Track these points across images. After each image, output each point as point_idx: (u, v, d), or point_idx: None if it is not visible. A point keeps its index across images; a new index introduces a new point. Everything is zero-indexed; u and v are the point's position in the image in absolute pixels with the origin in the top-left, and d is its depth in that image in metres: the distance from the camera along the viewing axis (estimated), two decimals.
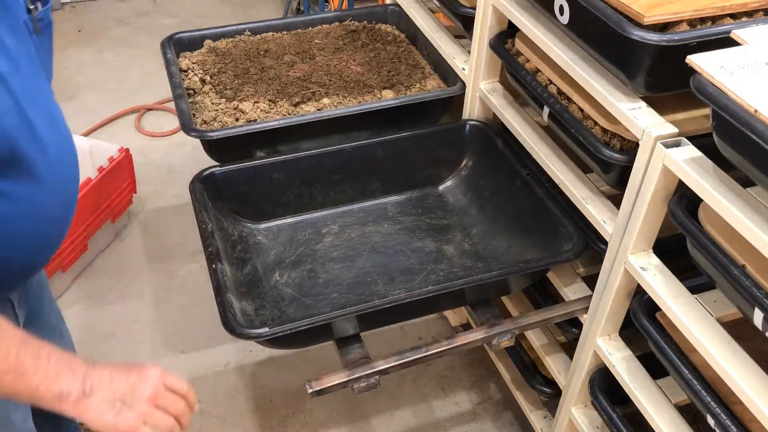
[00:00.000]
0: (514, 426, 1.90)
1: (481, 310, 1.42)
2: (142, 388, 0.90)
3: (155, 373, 0.92)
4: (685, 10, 1.08)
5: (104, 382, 0.88)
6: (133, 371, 0.91)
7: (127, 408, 0.88)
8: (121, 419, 0.87)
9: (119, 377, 0.89)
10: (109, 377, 0.88)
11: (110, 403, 0.87)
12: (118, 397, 0.88)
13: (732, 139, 0.93)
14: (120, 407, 0.87)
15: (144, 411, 0.89)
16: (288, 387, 1.99)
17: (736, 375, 0.99)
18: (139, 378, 0.90)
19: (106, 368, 0.89)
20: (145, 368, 0.92)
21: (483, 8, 1.52)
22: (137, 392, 0.89)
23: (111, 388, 0.88)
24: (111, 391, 0.88)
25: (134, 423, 0.88)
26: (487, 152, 1.67)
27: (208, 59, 1.83)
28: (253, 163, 1.57)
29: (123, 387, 0.89)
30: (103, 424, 0.87)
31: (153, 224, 2.50)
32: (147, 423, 0.89)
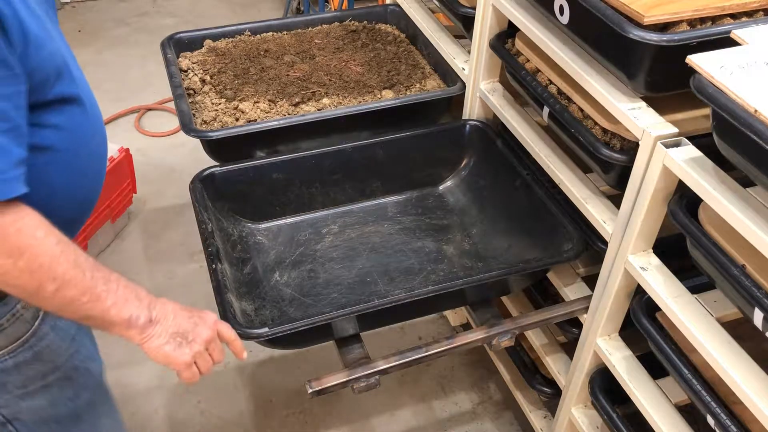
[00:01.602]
0: (514, 426, 1.90)
1: (481, 310, 1.42)
2: (202, 330, 0.97)
3: (213, 318, 1.01)
4: (685, 10, 1.08)
5: (168, 314, 0.94)
6: (194, 312, 0.99)
7: (186, 344, 0.95)
8: (179, 353, 0.94)
9: (182, 314, 0.96)
10: (173, 312, 0.95)
11: (172, 336, 0.94)
12: (180, 332, 0.95)
13: (732, 139, 0.93)
14: (180, 342, 0.95)
15: (198, 351, 0.97)
16: (288, 387, 1.99)
17: (736, 375, 0.99)
18: (200, 320, 0.98)
19: (169, 303, 0.96)
20: (204, 312, 1.01)
21: (483, 8, 1.52)
22: (197, 332, 0.97)
23: (174, 322, 0.95)
24: (174, 324, 0.94)
25: (188, 359, 0.96)
26: (487, 152, 1.67)
27: (208, 59, 1.83)
28: (253, 163, 1.57)
29: (185, 324, 0.96)
30: (162, 353, 0.93)
31: (153, 224, 2.50)
32: (197, 362, 0.97)
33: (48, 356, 1.00)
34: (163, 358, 0.95)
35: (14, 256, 0.79)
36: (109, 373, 1.86)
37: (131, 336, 0.92)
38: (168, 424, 1.89)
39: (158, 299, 0.95)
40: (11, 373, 0.97)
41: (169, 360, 0.95)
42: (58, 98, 0.90)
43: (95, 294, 0.86)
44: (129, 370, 1.99)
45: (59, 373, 1.03)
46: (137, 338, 0.92)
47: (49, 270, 0.82)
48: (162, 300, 0.96)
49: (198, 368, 1.00)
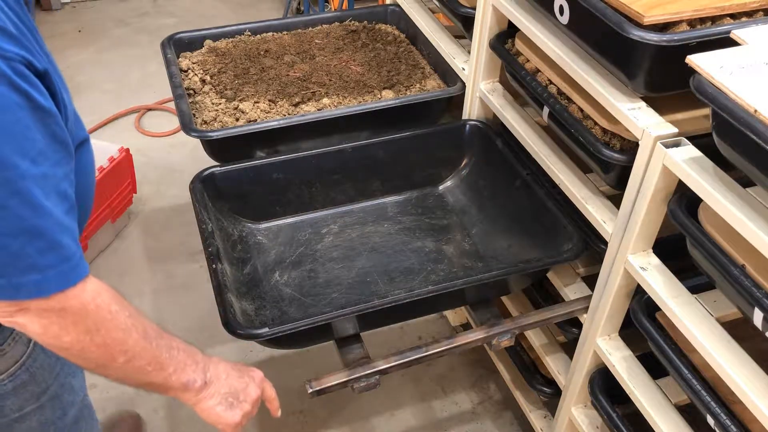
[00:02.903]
0: (514, 426, 1.90)
1: (481, 310, 1.42)
2: (251, 390, 1.00)
3: (260, 377, 1.04)
4: (685, 10, 1.08)
5: (221, 375, 0.97)
6: (244, 372, 1.01)
7: (237, 404, 0.98)
8: (230, 414, 0.96)
9: (233, 375, 0.98)
10: (225, 372, 0.98)
11: (224, 397, 0.96)
12: (232, 392, 0.97)
13: (732, 139, 0.93)
14: (231, 402, 0.97)
15: (248, 411, 0.99)
16: (288, 387, 1.99)
17: (736, 375, 0.99)
18: (251, 380, 1.01)
19: (221, 363, 0.98)
20: (254, 371, 1.03)
21: (483, 8, 1.52)
22: (248, 392, 0.99)
23: (227, 382, 0.97)
24: (227, 385, 0.97)
25: (238, 420, 0.98)
26: (487, 152, 1.67)
27: (208, 59, 1.83)
28: (253, 163, 1.57)
29: (236, 385, 0.98)
30: (214, 414, 0.95)
31: (153, 224, 2.50)
32: (246, 421, 0.99)
33: (41, 376, 1.01)
34: (216, 418, 0.96)
35: (92, 333, 0.82)
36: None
37: (187, 398, 0.94)
38: (168, 424, 1.89)
39: (211, 359, 0.97)
40: (9, 396, 0.98)
41: (221, 421, 0.97)
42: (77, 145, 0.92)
43: (159, 362, 0.89)
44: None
45: (50, 392, 1.04)
46: (192, 400, 0.94)
47: (122, 344, 0.85)
48: (215, 360, 0.98)
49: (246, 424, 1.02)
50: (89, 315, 0.81)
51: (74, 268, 0.79)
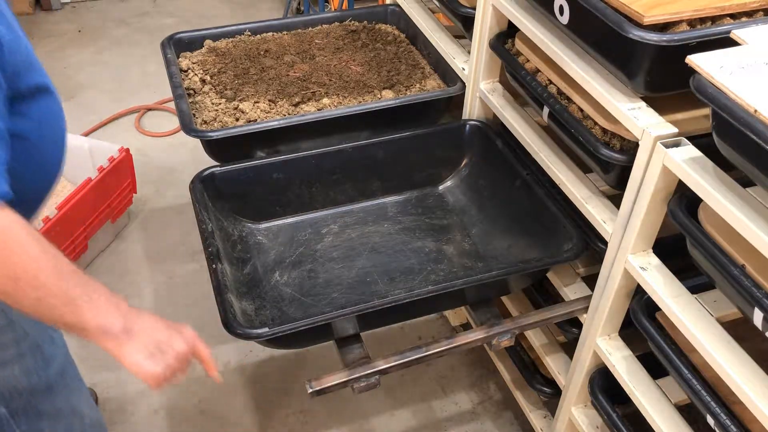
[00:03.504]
0: (514, 426, 1.90)
1: (481, 310, 1.42)
2: (176, 343, 0.97)
3: (191, 334, 1.01)
4: (685, 10, 1.08)
5: (146, 326, 0.95)
6: (173, 326, 0.99)
7: (160, 356, 0.95)
8: (152, 365, 0.94)
9: (160, 328, 0.96)
10: (151, 324, 0.96)
11: (146, 347, 0.94)
12: (156, 344, 0.95)
13: (732, 139, 0.93)
14: (153, 353, 0.94)
15: (171, 364, 0.96)
16: (288, 387, 1.99)
17: (736, 375, 0.99)
18: (177, 333, 0.98)
19: (149, 317, 0.97)
20: (184, 327, 1.01)
21: (483, 8, 1.52)
22: (172, 345, 0.96)
23: (151, 334, 0.95)
24: (151, 337, 0.95)
25: (160, 372, 0.95)
26: (487, 152, 1.67)
27: (208, 59, 1.83)
28: (253, 163, 1.57)
29: (161, 337, 0.96)
30: (135, 364, 0.93)
31: (153, 224, 2.50)
32: (168, 376, 0.96)
33: (19, 324, 1.03)
34: (136, 368, 0.94)
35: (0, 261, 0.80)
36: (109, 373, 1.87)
37: (106, 344, 0.92)
38: (168, 424, 1.89)
39: (138, 311, 0.96)
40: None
41: (141, 370, 0.94)
42: (31, 89, 0.92)
43: (75, 303, 0.87)
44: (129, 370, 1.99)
45: (30, 340, 1.06)
46: (113, 348, 0.93)
47: (33, 278, 0.83)
48: (142, 312, 0.97)
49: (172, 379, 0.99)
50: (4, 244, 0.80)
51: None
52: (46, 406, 1.14)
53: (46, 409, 1.14)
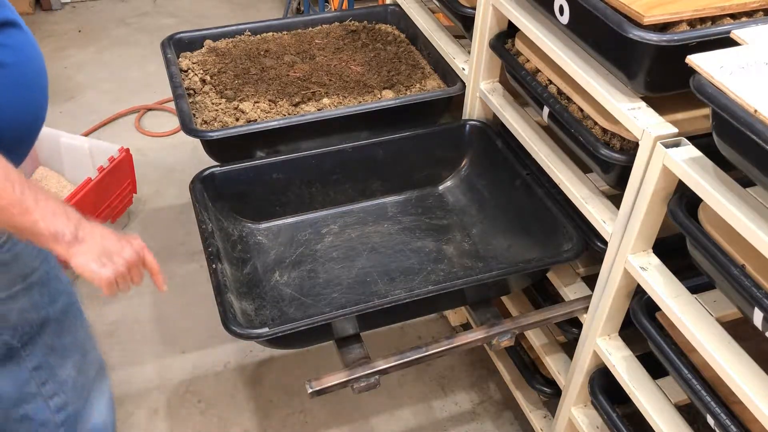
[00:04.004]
0: (514, 426, 1.90)
1: (481, 310, 1.43)
2: (126, 251, 1.04)
3: (140, 244, 1.08)
4: (685, 10, 1.08)
5: (95, 235, 1.01)
6: (123, 237, 1.06)
7: (109, 263, 1.01)
8: (104, 271, 1.00)
9: (109, 237, 1.03)
10: (100, 233, 1.02)
11: (97, 255, 1.00)
12: (106, 252, 1.01)
13: (732, 139, 0.93)
14: (104, 261, 1.01)
15: (120, 270, 1.02)
16: (288, 387, 1.99)
17: (736, 375, 0.99)
18: (126, 243, 1.05)
19: (98, 226, 1.02)
20: (133, 237, 1.08)
21: (483, 8, 1.52)
22: (122, 253, 1.03)
23: (101, 242, 1.01)
24: (100, 245, 1.01)
25: (110, 276, 1.01)
26: (487, 152, 1.67)
27: (208, 59, 1.83)
28: (253, 163, 1.57)
29: (111, 245, 1.02)
30: (87, 270, 0.99)
31: (153, 224, 2.50)
32: (118, 281, 1.03)
33: (24, 258, 1.10)
34: (89, 273, 1.00)
35: None
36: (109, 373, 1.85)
37: (58, 251, 0.97)
38: (168, 425, 1.89)
39: (89, 222, 1.01)
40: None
41: (93, 276, 1.00)
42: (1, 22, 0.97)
43: (24, 207, 0.92)
44: (129, 371, 1.99)
45: (36, 276, 1.13)
46: (63, 253, 0.98)
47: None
48: (91, 221, 1.02)
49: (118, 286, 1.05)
50: None
51: None
52: (53, 341, 1.20)
53: (53, 344, 1.20)
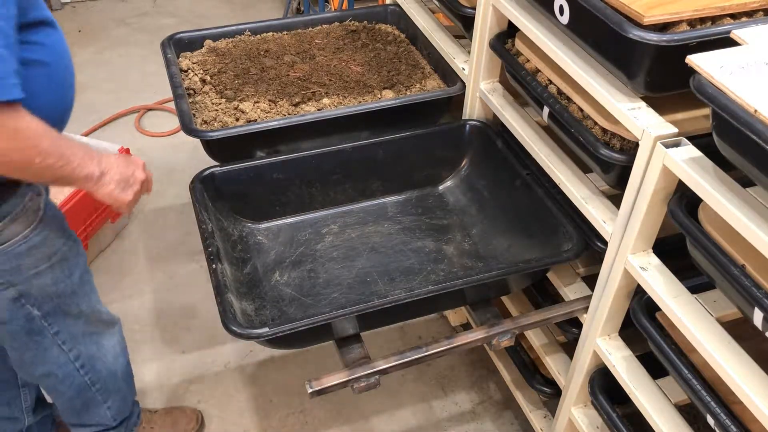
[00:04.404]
0: (514, 426, 1.90)
1: (481, 310, 1.43)
2: (138, 174, 1.25)
3: (141, 163, 1.29)
4: (685, 10, 1.08)
5: (113, 167, 1.20)
6: (129, 161, 1.25)
7: (128, 187, 1.23)
8: (124, 194, 1.22)
9: (122, 164, 1.22)
10: (116, 164, 1.21)
11: (117, 183, 1.20)
12: (123, 178, 1.22)
13: (732, 139, 0.93)
14: (123, 186, 1.22)
15: (137, 190, 1.25)
16: (288, 387, 1.99)
17: (736, 375, 0.99)
18: (135, 166, 1.26)
19: (110, 156, 1.21)
20: (135, 158, 1.28)
21: (483, 8, 1.52)
22: (135, 176, 1.24)
23: (118, 171, 1.20)
24: (118, 173, 1.20)
25: (131, 199, 1.24)
26: (487, 152, 1.67)
27: (208, 59, 1.83)
28: (253, 163, 1.57)
29: (126, 171, 1.23)
30: (113, 197, 1.21)
31: (153, 224, 2.50)
32: (136, 199, 1.26)
33: (51, 240, 1.26)
34: (113, 199, 1.21)
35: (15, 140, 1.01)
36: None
37: (89, 187, 1.17)
38: None
39: (102, 154, 1.18)
40: (24, 256, 1.22)
41: (118, 200, 1.22)
42: (37, 20, 1.09)
43: (66, 159, 1.09)
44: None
45: (59, 255, 1.28)
46: (93, 188, 1.18)
47: (38, 148, 1.04)
48: (105, 155, 1.19)
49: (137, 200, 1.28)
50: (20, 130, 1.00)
51: (8, 87, 0.96)
52: (71, 308, 1.36)
53: (71, 310, 1.36)
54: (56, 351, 1.39)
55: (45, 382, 1.47)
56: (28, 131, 1.02)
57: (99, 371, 1.49)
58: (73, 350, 1.41)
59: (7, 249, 1.19)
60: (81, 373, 1.45)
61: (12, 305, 1.26)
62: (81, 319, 1.40)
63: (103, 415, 1.57)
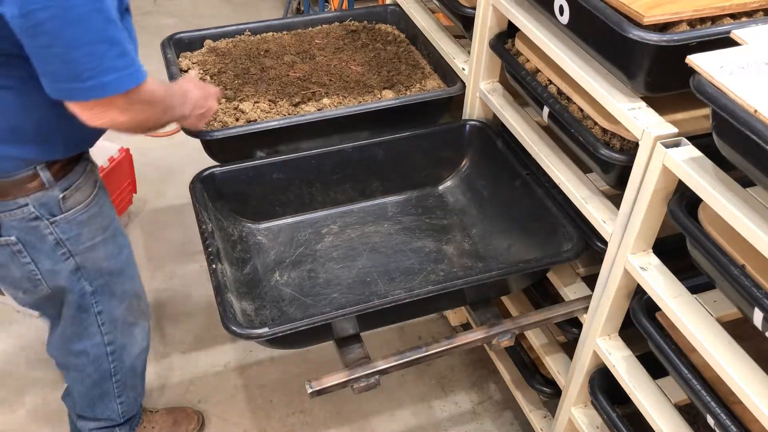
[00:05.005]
0: (514, 426, 1.90)
1: (481, 310, 1.43)
2: (213, 106, 1.44)
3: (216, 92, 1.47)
4: (685, 10, 1.08)
5: (197, 102, 1.36)
6: (205, 90, 1.41)
7: (203, 117, 1.43)
8: (199, 124, 1.45)
9: (199, 96, 1.38)
10: (196, 97, 1.36)
11: (197, 117, 1.39)
12: (202, 113, 1.40)
13: (732, 139, 0.93)
14: (200, 116, 1.40)
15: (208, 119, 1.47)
16: (288, 387, 1.99)
17: (736, 375, 0.99)
18: (211, 97, 1.43)
19: (194, 90, 1.36)
20: (212, 90, 1.45)
21: (483, 8, 1.52)
22: (210, 109, 1.43)
23: (199, 105, 1.37)
24: (199, 108, 1.37)
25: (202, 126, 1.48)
26: (487, 152, 1.67)
27: (208, 59, 1.83)
28: (253, 163, 1.57)
29: (203, 103, 1.39)
30: (191, 125, 1.44)
31: (153, 224, 2.50)
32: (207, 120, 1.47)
33: (105, 212, 1.35)
34: (193, 127, 1.45)
35: (152, 109, 1.16)
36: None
37: (179, 121, 1.35)
38: None
39: (188, 91, 1.34)
40: (85, 225, 1.30)
41: (196, 126, 1.46)
42: (126, 7, 1.19)
43: (174, 108, 1.25)
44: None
45: (111, 230, 1.37)
46: (183, 122, 1.39)
47: (165, 107, 1.20)
48: (191, 90, 1.35)
49: None
50: (152, 100, 1.14)
51: (139, 69, 1.08)
52: (117, 287, 1.42)
53: (116, 290, 1.42)
54: (95, 330, 1.44)
55: (77, 361, 1.49)
56: (155, 98, 1.15)
57: (123, 362, 1.53)
58: (109, 334, 1.46)
59: (71, 216, 1.26)
60: (110, 359, 1.50)
61: (72, 277, 1.32)
62: (124, 303, 1.45)
63: (113, 410, 1.60)
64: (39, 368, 2.01)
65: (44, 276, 1.30)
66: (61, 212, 1.25)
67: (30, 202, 1.21)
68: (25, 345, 2.08)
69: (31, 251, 1.26)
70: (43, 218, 1.23)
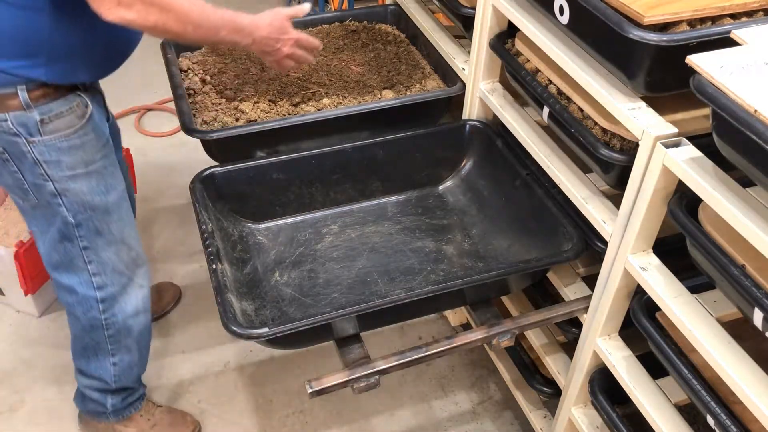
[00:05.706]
0: (514, 426, 1.90)
1: (481, 310, 1.43)
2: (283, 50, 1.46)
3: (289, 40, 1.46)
4: (685, 10, 1.08)
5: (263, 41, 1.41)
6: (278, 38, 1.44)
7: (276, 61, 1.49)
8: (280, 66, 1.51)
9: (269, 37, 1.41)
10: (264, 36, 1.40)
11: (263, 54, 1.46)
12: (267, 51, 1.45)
13: (732, 139, 0.93)
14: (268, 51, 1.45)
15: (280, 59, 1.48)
16: (288, 387, 1.99)
17: (736, 375, 0.99)
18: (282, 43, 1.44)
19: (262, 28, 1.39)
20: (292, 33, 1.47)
21: (483, 8, 1.52)
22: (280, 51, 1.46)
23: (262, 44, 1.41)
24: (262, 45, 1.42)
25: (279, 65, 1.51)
26: (487, 152, 1.67)
27: (208, 59, 1.83)
28: (253, 163, 1.57)
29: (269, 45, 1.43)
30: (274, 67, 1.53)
31: (153, 224, 2.50)
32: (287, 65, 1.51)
33: (90, 147, 1.36)
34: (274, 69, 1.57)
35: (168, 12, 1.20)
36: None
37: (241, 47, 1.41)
38: None
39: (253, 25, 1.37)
40: (66, 153, 1.32)
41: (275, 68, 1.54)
42: None
43: (215, 29, 1.30)
44: None
45: (96, 165, 1.38)
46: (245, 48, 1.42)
47: (189, 17, 1.23)
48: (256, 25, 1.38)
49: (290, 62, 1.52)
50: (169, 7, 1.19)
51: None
52: (103, 226, 1.43)
53: (102, 229, 1.43)
54: (81, 264, 1.45)
55: (66, 298, 1.52)
56: (173, 6, 1.19)
57: (116, 316, 1.53)
58: (98, 276, 1.47)
59: (50, 141, 1.30)
60: (100, 308, 1.51)
61: (53, 200, 1.36)
62: (112, 246, 1.46)
63: (106, 370, 1.61)
64: (39, 368, 2.01)
65: (30, 187, 1.36)
66: (40, 135, 1.29)
67: (9, 118, 1.26)
68: (25, 345, 2.08)
69: (17, 162, 1.33)
70: (21, 136, 1.28)
